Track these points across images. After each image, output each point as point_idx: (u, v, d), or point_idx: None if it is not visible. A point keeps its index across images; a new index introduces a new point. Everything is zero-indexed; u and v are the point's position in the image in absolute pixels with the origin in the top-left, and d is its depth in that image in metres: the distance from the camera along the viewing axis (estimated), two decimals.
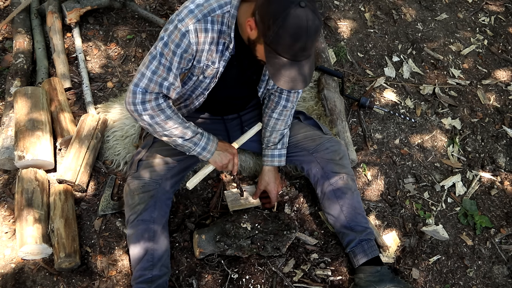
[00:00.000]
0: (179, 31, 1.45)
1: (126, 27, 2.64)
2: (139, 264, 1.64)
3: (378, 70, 2.70)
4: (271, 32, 1.33)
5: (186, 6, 1.47)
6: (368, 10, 3.03)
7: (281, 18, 1.30)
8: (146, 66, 1.52)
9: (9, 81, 2.22)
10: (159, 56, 1.49)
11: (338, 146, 1.91)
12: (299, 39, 1.33)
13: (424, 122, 2.50)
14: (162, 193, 1.72)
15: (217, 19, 1.48)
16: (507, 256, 2.07)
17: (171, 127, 1.60)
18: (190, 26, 1.44)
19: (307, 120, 2.02)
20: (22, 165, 1.90)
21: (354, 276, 1.84)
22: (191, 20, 1.44)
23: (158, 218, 1.69)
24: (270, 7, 1.33)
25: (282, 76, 1.41)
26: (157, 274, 1.64)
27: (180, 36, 1.45)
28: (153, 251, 1.65)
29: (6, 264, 1.75)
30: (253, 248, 1.79)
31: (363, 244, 1.82)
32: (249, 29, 1.43)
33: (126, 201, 1.73)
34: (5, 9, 2.67)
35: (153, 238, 1.66)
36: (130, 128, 2.13)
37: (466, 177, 2.31)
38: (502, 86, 2.76)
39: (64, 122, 2.08)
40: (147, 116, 1.56)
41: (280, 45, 1.35)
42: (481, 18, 3.14)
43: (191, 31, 1.45)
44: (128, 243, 1.70)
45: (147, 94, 1.53)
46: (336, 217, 1.87)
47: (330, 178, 1.86)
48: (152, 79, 1.51)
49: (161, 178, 1.73)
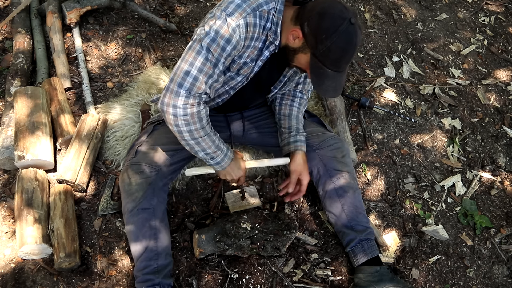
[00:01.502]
0: (229, 25, 1.40)
1: (126, 27, 2.64)
2: (143, 254, 1.62)
3: (378, 70, 2.70)
4: (322, 46, 1.39)
5: (232, 1, 1.42)
6: (368, 10, 3.03)
7: (335, 34, 1.37)
8: (189, 63, 1.42)
9: (9, 81, 2.22)
10: (205, 52, 1.41)
11: (341, 144, 1.91)
12: (347, 54, 1.42)
13: (424, 122, 2.50)
14: (160, 180, 1.71)
15: (264, 14, 1.46)
16: (507, 256, 2.07)
17: (201, 137, 1.54)
18: (241, 21, 1.40)
19: (311, 117, 2.03)
20: (22, 165, 1.90)
21: (354, 276, 1.84)
22: (241, 14, 1.41)
23: (158, 205, 1.67)
24: (323, 22, 1.38)
25: (325, 86, 1.48)
26: (163, 263, 1.63)
27: (230, 31, 1.40)
28: (156, 240, 1.63)
29: (6, 264, 1.75)
30: (253, 248, 1.79)
31: (363, 243, 1.82)
32: (292, 38, 1.46)
33: (122, 187, 1.69)
34: (5, 9, 2.67)
35: (155, 226, 1.64)
36: (130, 128, 2.13)
37: (466, 177, 2.31)
38: (502, 86, 2.76)
39: (64, 122, 2.08)
40: (183, 121, 1.47)
41: (328, 58, 1.42)
42: (481, 18, 3.14)
43: (241, 26, 1.41)
44: (128, 233, 1.66)
45: (191, 97, 1.44)
46: (337, 215, 1.86)
47: (333, 176, 1.86)
48: (198, 78, 1.43)
49: (160, 166, 1.72)
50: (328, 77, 1.46)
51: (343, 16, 1.38)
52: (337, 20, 1.37)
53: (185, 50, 1.47)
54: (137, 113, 2.18)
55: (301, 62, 1.52)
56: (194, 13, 2.81)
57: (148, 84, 2.32)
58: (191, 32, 2.69)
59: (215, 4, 2.89)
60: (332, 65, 1.44)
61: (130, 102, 2.24)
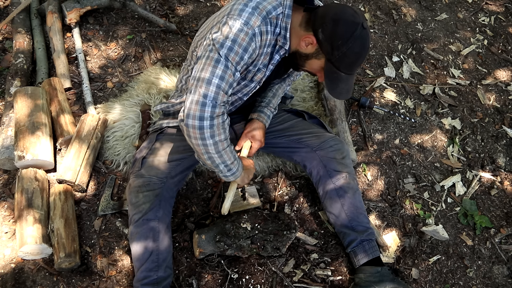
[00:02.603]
0: (246, 34, 1.40)
1: (126, 27, 2.64)
2: (143, 265, 1.62)
3: (378, 70, 2.70)
4: (338, 52, 1.42)
5: (243, 9, 1.42)
6: (368, 10, 3.03)
7: (350, 40, 1.39)
8: (211, 72, 1.40)
9: (9, 81, 2.22)
10: (224, 60, 1.40)
11: (341, 145, 1.91)
12: (361, 57, 1.46)
13: (424, 122, 2.50)
14: (166, 192, 1.71)
15: (273, 20, 1.48)
16: (507, 256, 2.07)
17: (224, 149, 1.52)
18: (256, 29, 1.42)
19: (311, 119, 2.03)
20: (22, 165, 1.90)
21: (354, 276, 1.84)
22: (256, 22, 1.42)
23: (163, 217, 1.68)
24: (338, 28, 1.40)
25: (339, 89, 1.52)
26: (162, 275, 1.63)
27: (248, 39, 1.41)
28: (158, 251, 1.63)
29: (6, 264, 1.75)
30: (253, 248, 1.79)
31: (364, 244, 1.82)
32: (305, 44, 1.48)
33: (130, 199, 1.70)
34: (5, 9, 2.67)
35: (158, 238, 1.64)
36: (130, 128, 2.13)
37: (466, 177, 2.31)
38: (502, 86, 2.76)
39: (64, 122, 2.08)
40: (209, 134, 1.44)
41: (343, 63, 1.45)
42: (481, 18, 3.14)
43: (257, 34, 1.43)
44: (131, 242, 1.67)
45: (217, 106, 1.42)
46: (337, 216, 1.86)
47: (333, 176, 1.86)
48: (220, 86, 1.40)
49: (166, 177, 1.72)
50: (342, 80, 1.50)
51: (356, 21, 1.40)
52: (351, 26, 1.39)
53: (200, 61, 1.44)
54: (137, 113, 2.18)
55: (313, 67, 1.54)
56: (194, 13, 2.81)
57: (148, 84, 2.32)
58: (191, 32, 2.69)
59: (215, 4, 2.89)
60: (346, 69, 1.47)
61: (130, 102, 2.24)
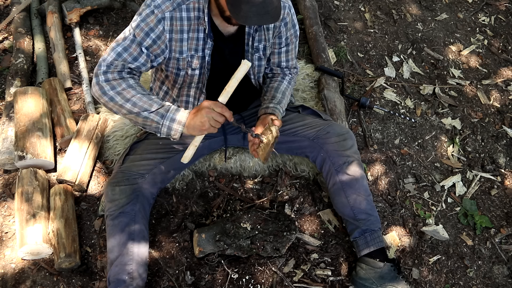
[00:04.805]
0: (155, 16, 1.50)
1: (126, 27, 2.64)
2: (118, 258, 1.61)
3: (378, 70, 2.70)
4: None
5: None
6: (368, 10, 3.03)
7: None
8: (116, 41, 1.54)
9: (9, 81, 2.22)
10: (131, 36, 1.52)
11: (339, 128, 1.87)
12: None
13: (424, 122, 2.50)
14: (145, 188, 1.71)
15: (193, 5, 1.53)
16: (507, 256, 2.07)
17: (133, 97, 1.49)
18: (166, 14, 1.50)
19: (305, 110, 2.01)
20: (22, 165, 1.90)
21: (357, 263, 1.81)
22: (168, 8, 1.50)
23: (139, 212, 1.68)
24: None
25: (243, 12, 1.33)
26: (137, 270, 1.62)
27: (156, 21, 1.51)
28: (133, 245, 1.63)
29: (6, 264, 1.75)
30: (253, 248, 1.79)
31: (366, 235, 1.79)
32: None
33: (106, 192, 1.69)
34: (5, 9, 2.67)
35: (133, 232, 1.64)
36: (130, 128, 2.13)
37: (466, 177, 2.31)
38: (502, 86, 2.76)
39: (64, 122, 2.08)
40: (108, 86, 1.49)
41: None
42: (481, 18, 3.14)
43: (167, 19, 1.51)
44: (107, 235, 1.65)
45: (112, 66, 1.52)
46: (341, 203, 1.82)
47: (335, 163, 1.81)
48: (121, 55, 1.51)
49: (147, 173, 1.73)
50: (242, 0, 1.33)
51: None
52: None
53: None
54: None
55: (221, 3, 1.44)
56: None
57: (148, 84, 2.32)
58: None
59: None
60: None
61: None
